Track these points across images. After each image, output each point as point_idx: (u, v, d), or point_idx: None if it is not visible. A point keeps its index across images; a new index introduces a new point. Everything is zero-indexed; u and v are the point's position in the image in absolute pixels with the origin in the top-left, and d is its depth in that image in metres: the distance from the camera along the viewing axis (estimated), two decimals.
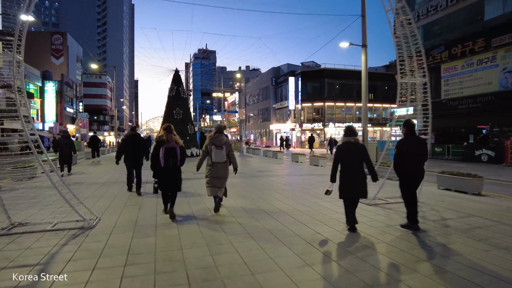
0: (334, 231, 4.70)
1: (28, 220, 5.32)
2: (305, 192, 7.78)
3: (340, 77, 43.07)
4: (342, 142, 4.85)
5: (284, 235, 4.46)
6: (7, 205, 6.44)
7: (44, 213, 5.83)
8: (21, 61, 5.16)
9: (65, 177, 11.01)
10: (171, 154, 5.26)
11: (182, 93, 21.06)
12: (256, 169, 13.29)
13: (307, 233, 4.57)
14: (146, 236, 4.44)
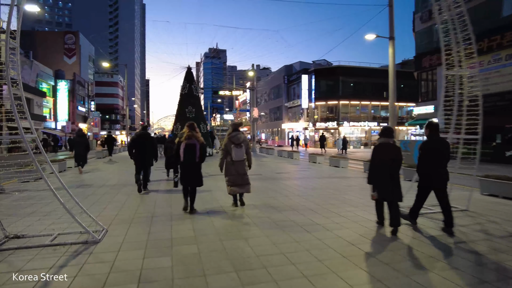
0: (384, 249, 3.87)
1: (26, 231, 4.65)
2: (336, 199, 6.95)
3: (355, 75, 41.87)
4: (379, 143, 4.70)
5: (329, 257, 3.66)
6: (6, 211, 5.84)
7: (45, 222, 5.17)
8: (17, 48, 4.48)
9: (76, 176, 10.45)
10: (191, 150, 5.48)
11: (194, 91, 20.41)
12: (273, 171, 12.50)
13: (352, 253, 3.77)
14: (160, 254, 3.70)
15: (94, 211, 5.77)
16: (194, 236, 4.36)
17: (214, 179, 9.77)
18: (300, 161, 17.72)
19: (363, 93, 41.57)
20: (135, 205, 6.35)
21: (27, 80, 32.16)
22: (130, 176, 10.55)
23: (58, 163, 12.05)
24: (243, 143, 5.73)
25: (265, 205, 6.27)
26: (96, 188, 8.34)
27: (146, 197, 7.18)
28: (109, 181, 9.65)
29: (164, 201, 6.78)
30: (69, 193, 4.60)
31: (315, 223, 5.03)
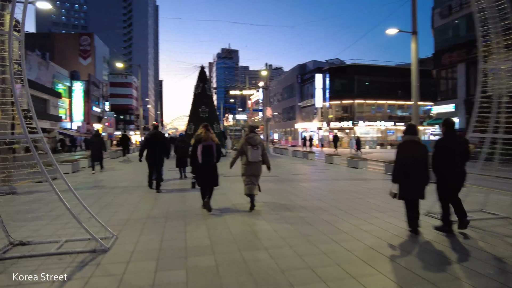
0: (421, 262, 3.41)
1: (33, 236, 4.38)
2: (360, 203, 6.48)
3: (370, 73, 40.96)
4: (404, 140, 4.58)
5: (364, 273, 3.22)
6: (15, 215, 5.62)
7: (53, 227, 4.88)
8: (22, 42, 4.20)
9: (89, 177, 10.27)
10: (208, 151, 5.57)
11: (208, 90, 20.15)
12: (289, 172, 12.06)
13: (389, 267, 3.32)
14: (174, 267, 3.34)
15: (104, 214, 5.48)
16: (210, 244, 3.99)
17: (227, 180, 9.41)
18: (316, 161, 17.22)
19: (379, 92, 40.62)
20: (147, 208, 6.03)
21: (44, 81, 32.59)
22: (143, 177, 10.33)
23: (71, 164, 11.92)
24: (259, 145, 5.78)
25: (284, 209, 5.86)
26: (108, 190, 8.08)
27: (159, 199, 6.87)
28: (122, 182, 9.41)
29: (177, 203, 6.45)
30: (77, 197, 4.29)
31: (342, 231, 4.59)
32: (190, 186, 8.41)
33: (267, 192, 7.55)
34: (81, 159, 13.76)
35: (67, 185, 4.25)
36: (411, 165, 4.37)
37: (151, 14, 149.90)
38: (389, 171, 11.29)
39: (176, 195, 7.34)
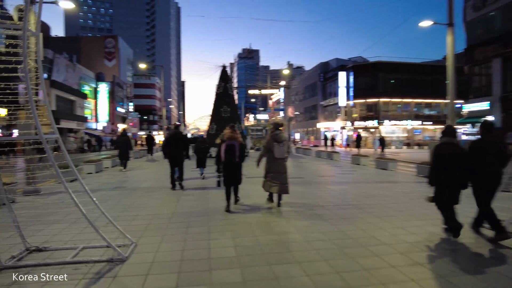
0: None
1: (51, 242, 4.17)
2: (395, 209, 5.94)
3: (396, 71, 39.56)
4: (441, 142, 4.36)
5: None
6: (36, 217, 5.48)
7: (72, 230, 4.67)
8: (39, 37, 3.98)
9: (111, 177, 10.20)
10: (231, 150, 5.68)
11: (229, 90, 19.89)
12: (315, 173, 11.56)
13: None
14: (197, 282, 2.99)
15: (124, 218, 5.24)
16: (236, 256, 3.61)
17: (251, 182, 9.04)
18: (341, 162, 16.57)
19: (405, 90, 39.11)
20: (169, 211, 5.75)
21: (71, 83, 33.52)
22: (166, 177, 10.15)
23: (95, 164, 11.93)
24: (284, 142, 5.91)
25: (314, 216, 5.41)
26: (130, 191, 7.90)
27: (180, 201, 6.59)
28: (144, 183, 9.24)
29: (200, 205, 6.14)
30: (95, 202, 4.02)
31: (381, 242, 4.10)
32: (210, 186, 8.57)
33: (294, 196, 7.11)
34: (105, 159, 13.81)
35: (84, 188, 3.98)
36: (447, 169, 4.19)
37: (173, 16, 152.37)
38: (422, 173, 10.60)
39: (197, 197, 7.04)
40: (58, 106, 29.84)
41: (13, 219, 3.82)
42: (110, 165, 13.74)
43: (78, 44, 56.84)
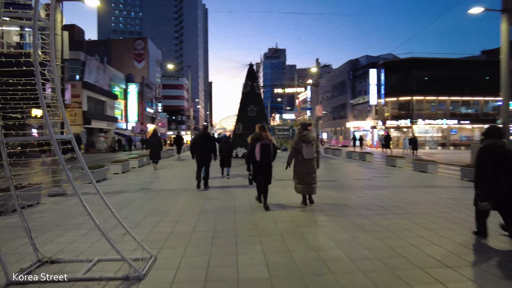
0: None
1: (65, 251, 3.83)
2: (448, 219, 5.18)
3: (430, 67, 37.50)
4: (484, 145, 4.05)
5: None
6: (57, 220, 5.23)
7: (90, 238, 4.32)
8: (51, 28, 3.64)
9: (136, 179, 10.00)
10: (266, 150, 5.74)
11: (256, 89, 19.42)
12: (348, 176, 10.82)
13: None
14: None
15: (146, 225, 4.86)
16: (269, 277, 3.08)
17: (280, 185, 8.49)
18: (374, 164, 15.63)
19: (440, 88, 37.00)
20: (194, 217, 5.32)
21: (102, 84, 34.38)
22: (192, 178, 9.86)
23: (121, 164, 11.82)
24: (313, 142, 5.87)
25: (354, 227, 4.77)
26: (154, 193, 7.59)
27: (206, 205, 6.17)
28: (170, 184, 8.93)
29: (226, 210, 5.68)
30: (111, 210, 3.63)
31: (442, 263, 3.41)
32: (235, 185, 8.81)
33: (329, 202, 6.50)
34: (132, 159, 13.75)
35: (98, 193, 3.60)
36: (492, 173, 3.87)
37: (201, 17, 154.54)
38: (467, 176, 9.62)
39: (223, 200, 6.58)
40: (89, 106, 30.66)
41: (25, 227, 3.49)
42: (137, 165, 13.65)
43: (109, 46, 58.58)
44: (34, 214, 5.74)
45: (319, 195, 7.12)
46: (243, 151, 18.38)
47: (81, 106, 28.76)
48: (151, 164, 13.65)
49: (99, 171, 9.68)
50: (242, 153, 18.37)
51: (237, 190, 7.94)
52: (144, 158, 14.88)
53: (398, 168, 13.39)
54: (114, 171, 11.64)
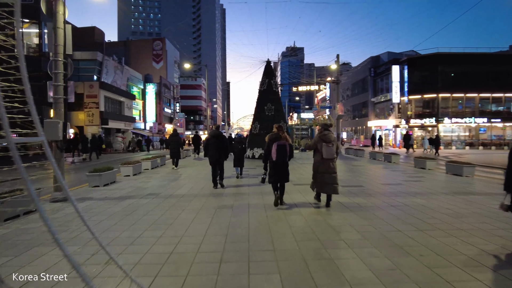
0: None
1: (49, 271, 3.15)
2: (507, 238, 4.24)
3: (457, 62, 35.55)
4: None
5: None
6: (59, 228, 4.65)
7: (77, 257, 3.64)
8: (16, 4, 2.96)
9: (146, 181, 9.43)
10: (282, 150, 5.89)
11: (274, 87, 18.60)
12: (375, 180, 9.85)
13: None
14: None
15: (144, 241, 4.16)
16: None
17: (299, 190, 7.67)
18: (401, 165, 14.53)
19: (468, 84, 35.03)
20: (201, 230, 4.60)
21: (119, 84, 34.42)
22: (205, 181, 9.28)
23: (132, 166, 11.30)
24: (333, 142, 5.93)
25: (394, 250, 3.88)
26: (162, 200, 6.93)
27: (217, 215, 5.42)
28: (180, 189, 8.27)
29: (239, 224, 4.90)
30: (90, 229, 2.92)
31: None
32: (248, 185, 8.90)
33: (357, 212, 5.64)
34: (145, 160, 13.25)
35: (76, 211, 2.90)
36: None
37: (218, 17, 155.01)
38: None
39: (237, 211, 5.83)
40: (106, 107, 30.68)
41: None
42: (150, 167, 13.13)
43: (128, 47, 59.18)
44: (29, 223, 5.18)
45: (346, 204, 6.28)
46: (260, 151, 17.63)
47: (99, 107, 28.76)
48: (170, 163, 13.38)
49: (107, 174, 9.15)
50: (259, 153, 17.62)
51: (252, 197, 7.18)
52: (158, 159, 14.37)
53: (428, 170, 12.28)
54: (125, 173, 11.13)
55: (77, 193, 7.79)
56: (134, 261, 3.50)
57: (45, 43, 26.02)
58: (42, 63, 24.99)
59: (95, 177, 8.86)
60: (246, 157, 18.26)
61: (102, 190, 8.23)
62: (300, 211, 5.80)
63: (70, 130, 28.64)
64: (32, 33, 25.54)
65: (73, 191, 8.17)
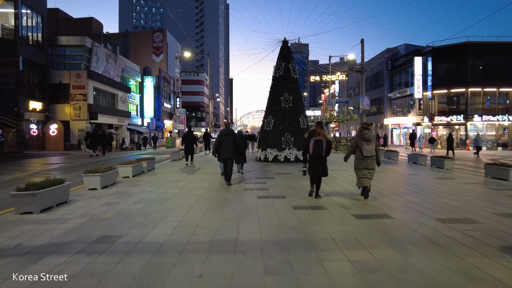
0: None
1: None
2: None
3: (490, 53, 31.83)
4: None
5: None
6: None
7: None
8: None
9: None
10: (319, 145, 6.15)
11: (292, 72, 15.07)
12: (481, 207, 6.34)
13: None
14: None
15: None
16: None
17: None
18: (458, 172, 11.05)
19: (502, 77, 31.26)
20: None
21: (112, 75, 31.00)
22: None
23: (100, 175, 7.82)
24: (372, 140, 6.21)
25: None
26: (116, 259, 3.47)
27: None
28: (160, 227, 4.81)
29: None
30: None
31: None
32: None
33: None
34: (124, 165, 9.86)
35: None
36: None
37: (222, 12, 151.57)
38: None
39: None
40: (96, 99, 27.29)
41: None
42: (130, 174, 9.70)
43: (127, 39, 55.80)
44: None
45: None
46: (275, 153, 14.17)
47: (87, 99, 25.36)
48: (161, 167, 9.93)
49: (50, 192, 5.71)
50: (274, 155, 14.16)
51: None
52: (143, 162, 10.96)
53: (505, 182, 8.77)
54: (90, 186, 7.69)
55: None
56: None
57: (23, 25, 22.62)
58: (19, 47, 21.58)
59: (26, 197, 5.41)
60: (257, 160, 14.96)
61: (24, 226, 4.78)
62: None
63: (53, 125, 25.25)
64: (8, 13, 22.12)
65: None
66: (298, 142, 14.22)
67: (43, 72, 24.77)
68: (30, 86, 23.74)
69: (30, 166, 14.90)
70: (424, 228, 4.48)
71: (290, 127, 14.30)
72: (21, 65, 21.65)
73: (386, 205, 5.92)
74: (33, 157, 19.38)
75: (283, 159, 14.00)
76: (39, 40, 24.67)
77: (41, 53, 24.61)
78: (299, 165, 12.88)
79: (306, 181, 8.74)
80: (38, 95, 24.48)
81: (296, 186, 8.04)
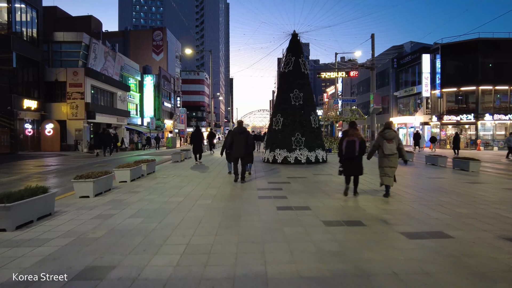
0: None
1: None
2: None
3: (502, 50, 30.76)
4: None
5: None
6: None
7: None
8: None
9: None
10: (351, 146, 6.38)
11: (303, 67, 14.06)
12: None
13: None
14: None
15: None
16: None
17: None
18: (484, 175, 10.08)
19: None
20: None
21: (111, 73, 29.98)
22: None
23: (93, 181, 6.82)
24: (394, 139, 6.37)
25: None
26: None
27: None
28: (160, 255, 3.83)
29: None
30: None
31: None
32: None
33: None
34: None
35: None
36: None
37: (222, 12, 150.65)
38: None
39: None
40: (94, 98, 26.27)
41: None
42: (128, 178, 8.71)
43: (127, 38, 54.79)
44: None
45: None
46: (284, 154, 13.16)
47: (84, 97, 24.35)
48: (162, 170, 8.99)
49: (28, 204, 4.72)
50: (284, 157, 13.15)
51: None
52: (143, 165, 9.95)
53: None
54: (81, 193, 6.69)
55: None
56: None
57: (16, 20, 21.60)
58: (12, 43, 20.56)
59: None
60: (264, 161, 14.00)
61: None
62: None
63: (49, 125, 24.24)
64: (1, 7, 21.09)
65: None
66: (310, 142, 13.23)
67: (38, 69, 23.75)
68: (25, 84, 22.71)
69: (21, 168, 13.90)
70: (504, 253, 3.48)
71: (300, 126, 13.30)
72: (14, 62, 20.64)
73: (434, 219, 4.93)
74: (27, 158, 18.39)
75: (293, 161, 12.99)
76: (34, 36, 23.62)
77: (36, 49, 23.57)
78: (312, 167, 11.90)
79: (327, 187, 7.76)
80: (33, 93, 23.46)
81: (317, 193, 7.04)
